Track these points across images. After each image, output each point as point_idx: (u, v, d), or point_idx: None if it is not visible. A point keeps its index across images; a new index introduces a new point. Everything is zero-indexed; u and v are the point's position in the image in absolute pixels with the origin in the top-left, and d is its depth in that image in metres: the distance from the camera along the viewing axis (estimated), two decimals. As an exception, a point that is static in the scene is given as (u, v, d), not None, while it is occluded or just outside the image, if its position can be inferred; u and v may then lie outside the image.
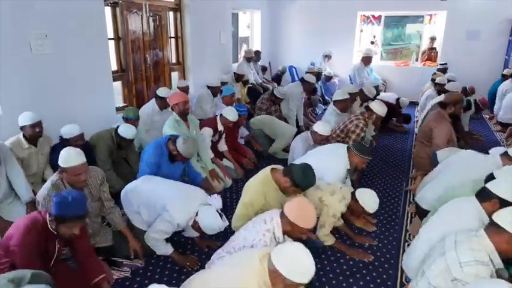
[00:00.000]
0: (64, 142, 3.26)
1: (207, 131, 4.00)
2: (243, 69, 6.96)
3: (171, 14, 5.77)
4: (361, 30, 9.14)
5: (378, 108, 4.04)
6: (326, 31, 8.64)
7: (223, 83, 5.79)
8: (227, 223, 2.52)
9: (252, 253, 1.79)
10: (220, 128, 4.11)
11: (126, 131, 3.51)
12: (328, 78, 7.99)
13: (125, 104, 5.01)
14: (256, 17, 8.65)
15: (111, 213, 2.69)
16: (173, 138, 3.11)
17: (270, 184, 2.59)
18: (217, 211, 2.48)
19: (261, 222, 2.20)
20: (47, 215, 2.02)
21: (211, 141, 4.05)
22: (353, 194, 2.87)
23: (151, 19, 5.24)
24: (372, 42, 9.64)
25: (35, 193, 2.84)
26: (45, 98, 3.69)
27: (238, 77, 6.64)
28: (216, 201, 2.55)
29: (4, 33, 3.24)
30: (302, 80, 5.78)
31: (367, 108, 4.19)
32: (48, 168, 3.38)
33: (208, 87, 5.56)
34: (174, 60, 6.00)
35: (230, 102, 5.06)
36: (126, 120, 3.88)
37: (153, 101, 4.58)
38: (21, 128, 3.12)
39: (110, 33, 4.63)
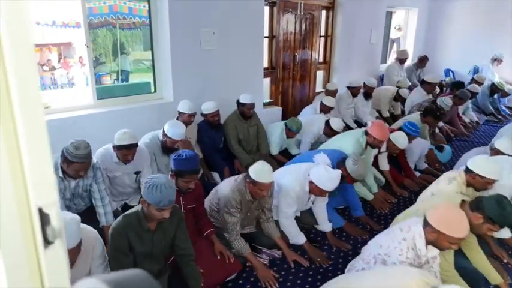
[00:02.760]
0: (203, 117, 3.75)
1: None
2: (392, 71, 6.52)
3: (323, 12, 5.77)
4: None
5: None
6: (497, 31, 7.44)
7: (369, 88, 5.48)
8: (339, 171, 2.67)
9: (408, 277, 1.61)
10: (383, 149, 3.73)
11: None
12: (505, 93, 6.70)
13: (271, 100, 5.24)
14: (412, 16, 8.00)
15: (269, 222, 2.79)
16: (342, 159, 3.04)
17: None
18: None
19: (396, 229, 2.06)
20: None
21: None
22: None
23: (304, 18, 5.33)
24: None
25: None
26: (208, 88, 4.11)
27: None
28: (322, 158, 2.74)
29: (181, 31, 3.71)
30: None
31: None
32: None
33: (348, 87, 5.36)
34: (320, 60, 6.00)
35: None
36: (289, 130, 4.07)
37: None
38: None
39: (266, 32, 4.88)
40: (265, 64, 5.03)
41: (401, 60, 6.75)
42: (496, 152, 3.19)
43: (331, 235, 2.91)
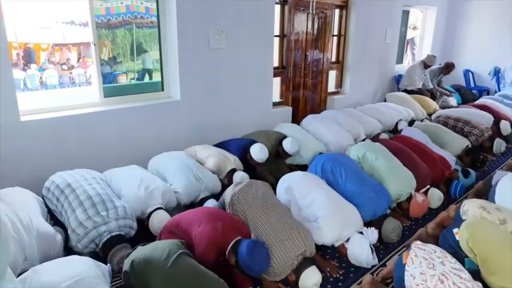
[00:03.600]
0: (248, 157, 3.59)
1: None
2: (415, 71, 6.40)
3: (336, 11, 5.67)
4: None
5: None
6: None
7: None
8: (376, 261, 2.47)
9: None
10: None
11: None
12: None
13: (281, 100, 5.18)
14: (430, 14, 7.78)
15: None
16: None
17: None
18: (370, 245, 2.44)
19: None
20: None
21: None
22: None
23: (316, 17, 5.25)
24: None
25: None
26: (216, 87, 4.09)
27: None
28: (373, 235, 2.49)
29: (189, 29, 3.70)
30: None
31: None
32: None
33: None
34: (333, 59, 5.90)
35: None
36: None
37: None
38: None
39: (276, 31, 4.83)
40: (276, 63, 4.98)
41: (426, 64, 6.58)
42: None
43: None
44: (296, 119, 5.09)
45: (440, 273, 1.79)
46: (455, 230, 2.21)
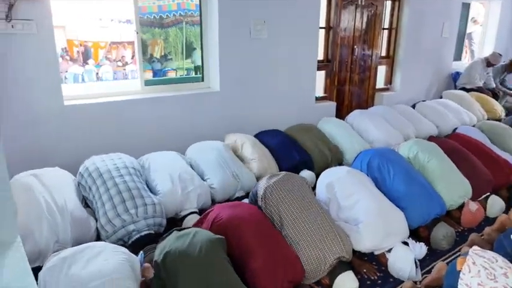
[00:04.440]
0: None
1: None
2: (476, 68, 5.90)
3: (388, 3, 5.36)
4: None
5: None
6: None
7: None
8: (419, 277, 2.20)
9: None
10: None
11: None
12: None
13: (325, 95, 4.98)
14: (495, 8, 7.14)
15: None
16: None
17: None
18: (415, 260, 2.21)
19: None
20: None
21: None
22: None
23: (366, 9, 4.98)
24: None
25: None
26: (256, 78, 4.01)
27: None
28: (420, 250, 2.26)
29: (231, 19, 3.64)
30: None
31: None
32: None
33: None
34: (383, 54, 5.58)
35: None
36: None
37: None
38: None
39: (322, 22, 4.64)
40: (320, 56, 4.79)
41: (489, 63, 6.04)
42: None
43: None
44: (340, 116, 4.85)
45: (503, 286, 1.54)
46: None
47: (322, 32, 4.69)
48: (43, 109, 2.93)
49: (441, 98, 5.64)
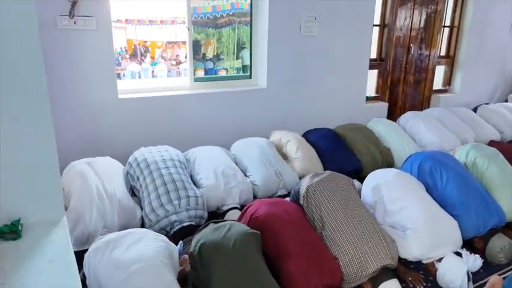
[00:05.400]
0: None
1: None
2: None
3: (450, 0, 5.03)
4: None
5: None
6: None
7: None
8: None
9: None
10: None
11: None
12: None
13: (376, 95, 4.79)
14: None
15: None
16: None
17: None
18: (467, 272, 2.03)
19: None
20: None
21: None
22: None
23: (425, 6, 4.72)
24: None
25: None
26: (305, 76, 3.95)
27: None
28: (475, 263, 2.08)
29: (280, 16, 3.61)
30: None
31: None
32: None
33: None
34: (442, 53, 5.25)
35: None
36: None
37: None
38: None
39: (376, 20, 4.47)
40: (373, 55, 4.62)
41: None
42: None
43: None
44: (392, 118, 4.63)
45: None
46: None
47: (376, 30, 4.52)
48: (99, 101, 3.10)
49: (506, 101, 5.20)
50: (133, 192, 2.70)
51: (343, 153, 3.38)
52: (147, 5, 10.19)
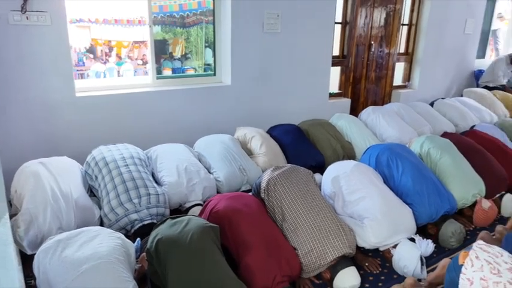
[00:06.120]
0: None
1: None
2: (499, 66, 5.71)
3: (408, -1, 5.23)
4: None
5: None
6: None
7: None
8: (425, 275, 2.09)
9: None
10: None
11: None
12: None
13: (339, 91, 4.90)
14: (523, 4, 6.85)
15: None
16: None
17: None
18: (421, 257, 2.12)
19: None
20: None
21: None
22: None
23: (384, 5, 4.87)
24: None
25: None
26: (269, 73, 3.99)
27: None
28: (427, 248, 2.17)
29: (243, 13, 3.63)
30: None
31: None
32: None
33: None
34: (401, 50, 5.44)
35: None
36: None
37: None
38: None
39: (338, 17, 4.57)
40: (336, 52, 4.72)
41: None
42: None
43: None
44: (355, 113, 4.76)
45: (508, 281, 1.46)
46: None
47: (338, 28, 4.62)
48: (55, 100, 3.00)
49: (462, 96, 5.45)
50: (92, 192, 2.63)
51: (306, 148, 3.42)
52: (112, 5, 9.95)
